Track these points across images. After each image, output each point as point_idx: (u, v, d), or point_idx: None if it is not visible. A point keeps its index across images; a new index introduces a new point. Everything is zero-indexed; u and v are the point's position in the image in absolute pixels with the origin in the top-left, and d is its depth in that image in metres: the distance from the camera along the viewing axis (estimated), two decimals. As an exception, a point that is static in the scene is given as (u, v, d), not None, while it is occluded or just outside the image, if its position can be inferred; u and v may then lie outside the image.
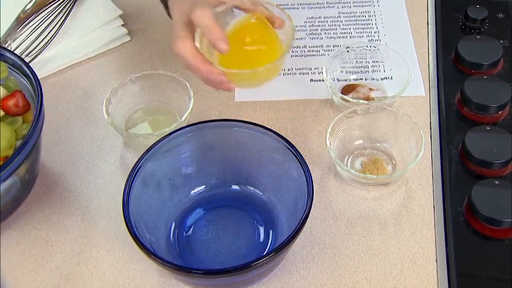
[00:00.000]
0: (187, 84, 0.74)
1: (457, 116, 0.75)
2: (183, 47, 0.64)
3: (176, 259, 0.63)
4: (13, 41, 0.84)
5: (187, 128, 0.64)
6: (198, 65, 0.63)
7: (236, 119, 0.65)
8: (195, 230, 0.66)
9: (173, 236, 0.65)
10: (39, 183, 0.71)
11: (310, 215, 0.56)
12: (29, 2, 0.93)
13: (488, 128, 0.72)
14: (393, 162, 0.71)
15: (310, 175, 0.59)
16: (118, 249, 0.66)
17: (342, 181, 0.70)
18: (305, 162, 0.60)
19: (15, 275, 0.64)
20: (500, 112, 0.75)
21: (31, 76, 0.66)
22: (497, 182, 0.66)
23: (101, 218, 0.68)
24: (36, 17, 0.87)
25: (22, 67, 0.68)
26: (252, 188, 0.68)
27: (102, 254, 0.65)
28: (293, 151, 0.61)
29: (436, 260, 0.63)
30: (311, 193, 0.58)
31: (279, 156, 0.63)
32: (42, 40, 0.85)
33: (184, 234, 0.65)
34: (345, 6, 0.91)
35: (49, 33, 0.85)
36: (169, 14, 0.70)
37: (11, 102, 0.66)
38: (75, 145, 0.75)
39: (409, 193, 0.69)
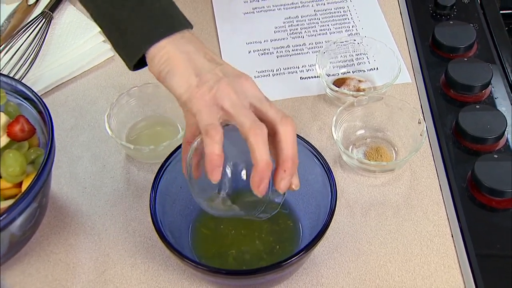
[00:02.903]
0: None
1: (444, 98, 0.79)
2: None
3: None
4: (-6, 66, 0.82)
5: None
6: None
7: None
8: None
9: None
10: (49, 207, 0.70)
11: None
12: (2, 26, 0.91)
13: (477, 106, 0.76)
14: (395, 148, 0.74)
15: (331, 172, 0.61)
16: (143, 263, 0.66)
17: (349, 172, 0.73)
18: (324, 158, 0.62)
19: (42, 301, 0.63)
20: (483, 91, 0.79)
21: (35, 100, 0.66)
22: (496, 156, 0.70)
23: (118, 234, 0.68)
24: (15, 40, 0.86)
25: (23, 91, 0.67)
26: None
27: (127, 270, 0.65)
28: (312, 150, 0.63)
29: (452, 236, 0.66)
30: (334, 189, 0.60)
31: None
32: (23, 64, 0.83)
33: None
34: (319, 4, 0.94)
35: (29, 56, 0.84)
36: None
37: (16, 128, 0.65)
38: (77, 165, 0.75)
39: (414, 175, 0.72)
